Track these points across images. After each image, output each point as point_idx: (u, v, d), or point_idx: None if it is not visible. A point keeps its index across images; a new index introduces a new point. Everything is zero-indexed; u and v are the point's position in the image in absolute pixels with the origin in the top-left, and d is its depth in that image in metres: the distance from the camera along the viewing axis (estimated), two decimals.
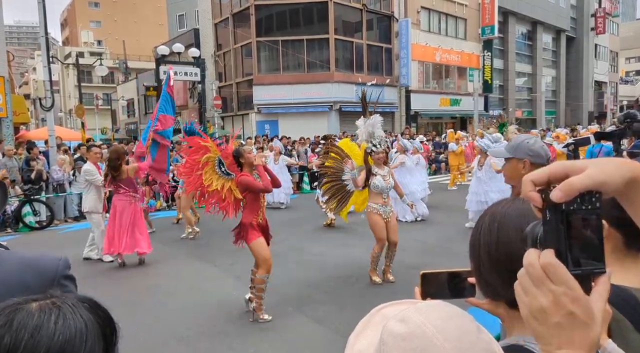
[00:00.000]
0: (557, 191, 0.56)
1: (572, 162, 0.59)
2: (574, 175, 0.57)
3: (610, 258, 1.13)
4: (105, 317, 0.78)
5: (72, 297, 0.79)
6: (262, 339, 4.43)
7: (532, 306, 0.58)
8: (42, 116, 20.19)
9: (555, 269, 0.55)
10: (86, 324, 0.74)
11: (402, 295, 3.47)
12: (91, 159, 7.67)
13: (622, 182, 0.58)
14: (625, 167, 0.59)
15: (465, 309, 0.65)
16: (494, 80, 33.02)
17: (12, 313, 0.73)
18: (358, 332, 0.68)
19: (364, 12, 25.75)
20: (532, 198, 0.60)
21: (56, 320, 0.72)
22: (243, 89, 26.32)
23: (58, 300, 0.76)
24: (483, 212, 0.99)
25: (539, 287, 0.57)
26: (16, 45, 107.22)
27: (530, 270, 0.58)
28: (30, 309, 0.74)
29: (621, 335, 0.92)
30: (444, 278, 0.99)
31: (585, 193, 0.56)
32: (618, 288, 1.02)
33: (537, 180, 0.60)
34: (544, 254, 0.57)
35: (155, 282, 6.39)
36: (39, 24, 12.16)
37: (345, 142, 6.66)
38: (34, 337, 0.70)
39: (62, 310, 0.74)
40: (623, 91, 51.99)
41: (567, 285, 0.55)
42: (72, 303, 0.76)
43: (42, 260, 1.27)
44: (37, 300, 0.76)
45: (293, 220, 10.56)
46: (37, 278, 1.20)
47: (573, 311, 0.55)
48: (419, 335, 0.58)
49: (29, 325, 0.71)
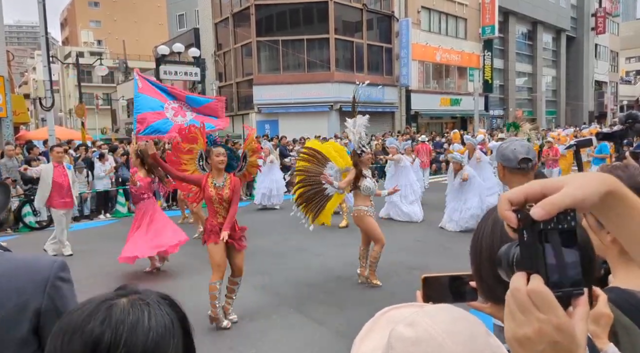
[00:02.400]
0: (539, 209, 0.55)
1: (547, 180, 0.59)
2: (550, 193, 0.57)
3: (617, 262, 1.12)
4: (182, 313, 0.82)
5: (154, 293, 0.81)
6: (262, 339, 4.42)
7: (517, 333, 0.57)
8: (42, 116, 20.20)
9: (542, 297, 0.54)
10: (172, 321, 0.77)
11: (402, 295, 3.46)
12: (55, 159, 7.84)
13: (599, 197, 0.58)
14: (600, 180, 0.59)
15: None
16: (494, 80, 33.01)
17: (108, 309, 0.74)
18: (363, 336, 0.68)
19: (364, 11, 25.73)
20: (508, 218, 0.59)
21: (149, 317, 0.75)
22: (243, 88, 26.31)
23: (144, 296, 0.79)
24: (485, 215, 0.97)
25: (524, 314, 0.56)
26: (16, 45, 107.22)
27: (516, 295, 0.57)
28: (123, 305, 0.75)
29: (630, 342, 0.90)
30: (445, 282, 0.98)
31: (561, 212, 0.56)
32: (625, 293, 1.00)
33: (513, 200, 0.59)
34: (533, 280, 0.55)
35: (155, 281, 6.38)
36: (39, 24, 12.15)
37: (315, 143, 6.56)
38: (132, 333, 0.72)
39: (152, 306, 0.76)
40: (623, 91, 51.97)
41: (553, 312, 0.54)
42: (157, 300, 0.79)
43: (36, 262, 1.26)
44: (125, 296, 0.78)
45: (293, 220, 10.54)
46: (29, 280, 1.19)
47: (557, 340, 0.55)
48: (428, 339, 0.57)
49: (127, 322, 0.73)
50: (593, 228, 1.11)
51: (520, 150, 2.64)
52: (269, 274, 6.43)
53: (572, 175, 0.60)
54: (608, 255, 1.14)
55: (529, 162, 2.62)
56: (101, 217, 11.82)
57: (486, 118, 32.07)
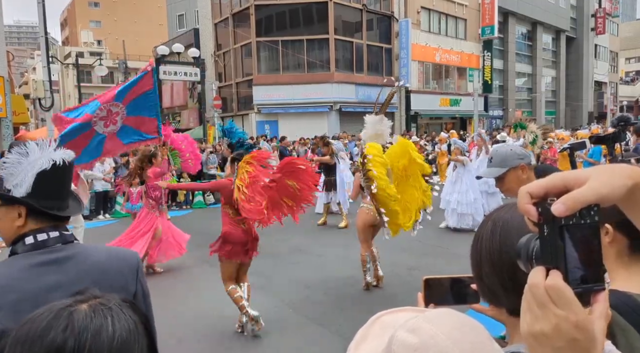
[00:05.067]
0: (560, 205, 0.53)
1: (572, 173, 0.56)
2: (573, 187, 0.54)
3: (614, 264, 1.12)
4: (145, 315, 0.80)
5: (114, 296, 0.80)
6: (261, 340, 4.42)
7: (534, 328, 0.55)
8: (42, 116, 20.17)
9: (560, 293, 0.53)
10: (135, 323, 0.76)
11: (401, 296, 3.46)
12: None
13: (625, 192, 0.56)
14: (625, 174, 0.57)
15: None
16: (493, 81, 33.02)
17: (69, 316, 0.72)
18: (358, 341, 0.66)
19: (364, 12, 25.74)
20: (528, 212, 0.57)
21: (113, 322, 0.73)
22: (243, 89, 26.29)
23: (105, 300, 0.77)
24: (485, 217, 0.97)
25: (541, 309, 0.55)
26: (16, 45, 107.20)
27: (534, 290, 0.55)
28: (85, 311, 0.73)
29: (628, 344, 0.90)
30: (447, 284, 0.98)
31: (584, 206, 0.54)
32: (624, 295, 1.00)
33: (534, 193, 0.57)
34: (551, 276, 0.54)
35: (154, 282, 6.37)
36: (39, 24, 12.15)
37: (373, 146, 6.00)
38: (96, 340, 0.70)
39: (114, 311, 0.75)
40: (623, 91, 51.98)
41: (571, 309, 0.53)
42: (118, 303, 0.77)
43: (123, 252, 1.44)
44: (85, 301, 0.76)
45: (292, 220, 10.53)
46: (127, 267, 1.35)
47: (575, 337, 0.54)
48: (432, 346, 0.56)
49: (90, 328, 0.71)
50: None
51: (516, 150, 2.63)
52: (268, 275, 6.43)
53: (597, 168, 0.57)
54: (605, 256, 1.13)
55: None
56: (100, 218, 11.82)
57: (485, 118, 32.08)
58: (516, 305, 0.61)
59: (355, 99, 24.79)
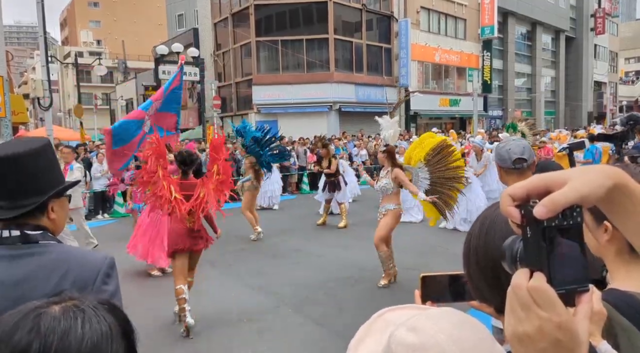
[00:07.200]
0: (541, 207, 0.53)
1: (552, 174, 0.56)
2: (554, 188, 0.54)
3: (614, 262, 1.10)
4: (123, 318, 0.78)
5: (91, 298, 0.78)
6: (260, 340, 4.41)
7: (517, 330, 0.55)
8: (41, 116, 20.15)
9: (543, 294, 0.53)
10: (110, 326, 0.73)
11: (401, 296, 3.46)
12: (63, 159, 7.84)
13: (605, 192, 0.56)
14: (604, 174, 0.57)
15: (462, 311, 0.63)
16: (493, 81, 33.02)
17: (36, 317, 0.70)
18: (359, 339, 0.65)
19: (364, 12, 25.73)
20: (510, 215, 0.57)
21: (83, 324, 0.71)
22: (242, 88, 26.28)
23: (79, 302, 0.75)
24: (477, 217, 0.97)
25: (525, 311, 0.54)
26: (16, 45, 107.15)
27: (517, 292, 0.55)
28: (54, 313, 0.72)
29: (630, 344, 0.89)
30: (444, 282, 0.97)
31: (566, 207, 0.54)
32: (625, 295, 0.99)
33: (515, 195, 0.57)
34: (535, 278, 0.54)
35: (153, 282, 6.37)
36: (38, 24, 12.12)
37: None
38: (63, 342, 0.68)
39: (87, 313, 0.73)
40: (622, 91, 52.01)
41: (554, 311, 0.53)
42: (94, 306, 0.75)
43: (90, 255, 1.43)
44: (58, 303, 0.74)
45: (291, 220, 10.54)
46: (87, 269, 1.33)
47: (559, 338, 0.53)
48: (433, 345, 0.55)
49: (57, 330, 0.69)
50: (589, 226, 1.10)
51: (515, 150, 2.62)
52: (268, 275, 6.42)
53: (577, 169, 0.58)
54: (604, 255, 1.12)
55: (524, 162, 2.60)
56: (99, 217, 11.80)
57: (485, 118, 32.07)
58: (502, 304, 0.60)
59: (355, 99, 24.79)
